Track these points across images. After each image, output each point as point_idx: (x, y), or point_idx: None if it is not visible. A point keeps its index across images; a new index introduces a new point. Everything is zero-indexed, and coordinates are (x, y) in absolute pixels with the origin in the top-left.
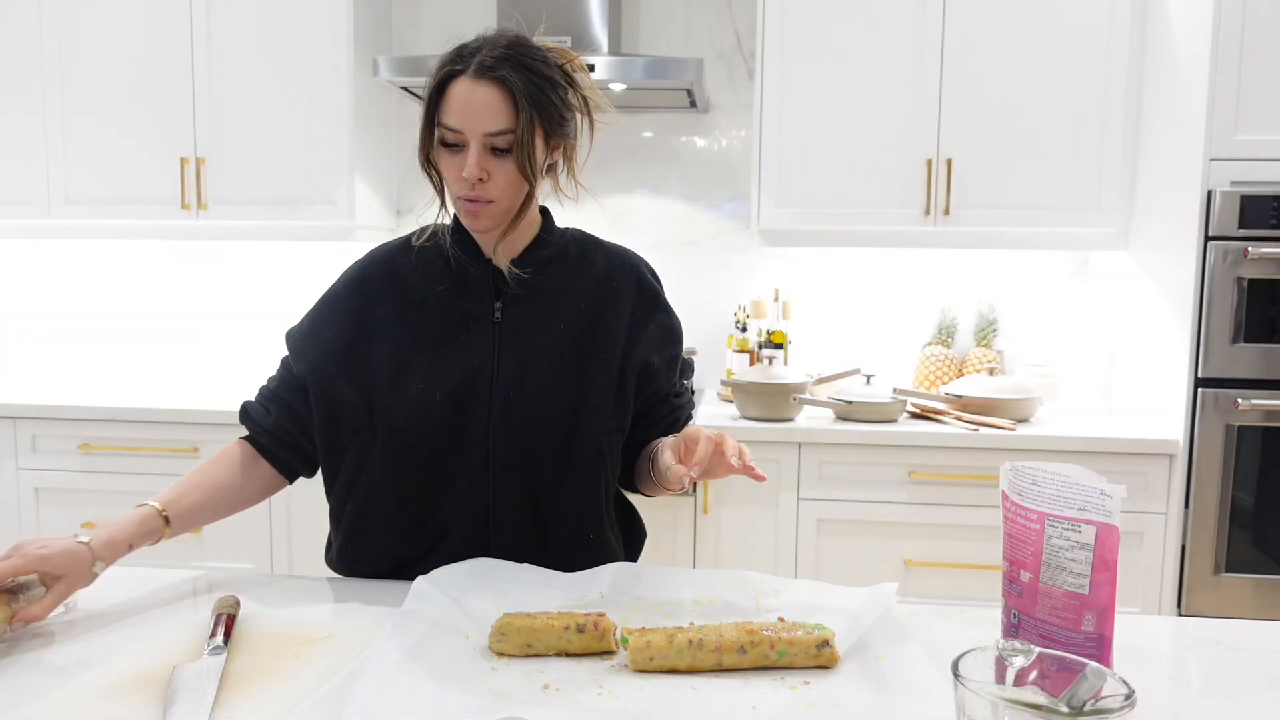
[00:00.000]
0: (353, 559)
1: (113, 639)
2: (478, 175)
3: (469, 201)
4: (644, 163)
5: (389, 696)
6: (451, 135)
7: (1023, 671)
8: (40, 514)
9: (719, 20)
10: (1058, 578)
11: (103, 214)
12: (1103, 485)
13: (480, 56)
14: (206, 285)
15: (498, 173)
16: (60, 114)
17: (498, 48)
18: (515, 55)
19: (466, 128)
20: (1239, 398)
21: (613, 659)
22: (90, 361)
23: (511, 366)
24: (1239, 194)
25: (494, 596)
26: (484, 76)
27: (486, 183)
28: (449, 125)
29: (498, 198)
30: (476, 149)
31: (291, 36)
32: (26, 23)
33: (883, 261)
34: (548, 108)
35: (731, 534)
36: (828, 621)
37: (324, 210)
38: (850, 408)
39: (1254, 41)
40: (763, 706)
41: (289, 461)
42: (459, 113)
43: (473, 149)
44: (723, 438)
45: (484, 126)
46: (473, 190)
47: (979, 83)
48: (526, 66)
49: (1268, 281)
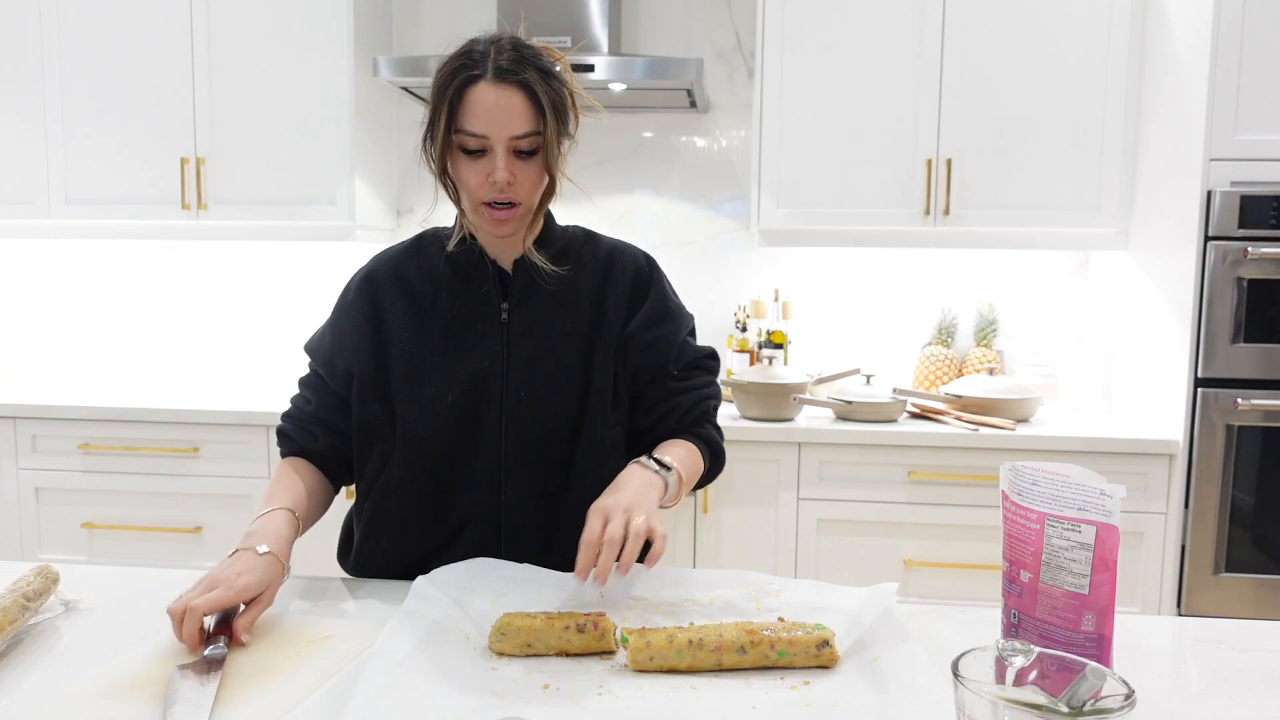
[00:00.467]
0: (368, 559)
1: (113, 639)
2: (508, 179)
3: (496, 207)
4: (644, 163)
5: (389, 696)
6: (474, 141)
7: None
8: (40, 514)
9: (719, 20)
10: (1058, 578)
11: (103, 214)
12: (1103, 485)
13: (495, 60)
14: (206, 285)
15: (522, 175)
16: (60, 114)
17: (507, 50)
18: (528, 56)
19: (493, 132)
20: (1239, 398)
21: (613, 659)
22: (90, 361)
23: (521, 366)
24: (1239, 194)
25: (494, 596)
26: (505, 80)
27: (513, 185)
28: (472, 131)
29: (524, 199)
30: (503, 153)
31: (291, 36)
32: (26, 23)
33: (883, 261)
34: (563, 106)
35: (731, 534)
36: (828, 621)
37: (324, 210)
38: (850, 408)
39: (1254, 41)
40: (763, 706)
41: (340, 476)
42: (484, 118)
43: (499, 153)
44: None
45: (511, 130)
46: (500, 194)
47: (979, 83)
48: (541, 67)
49: (1268, 281)
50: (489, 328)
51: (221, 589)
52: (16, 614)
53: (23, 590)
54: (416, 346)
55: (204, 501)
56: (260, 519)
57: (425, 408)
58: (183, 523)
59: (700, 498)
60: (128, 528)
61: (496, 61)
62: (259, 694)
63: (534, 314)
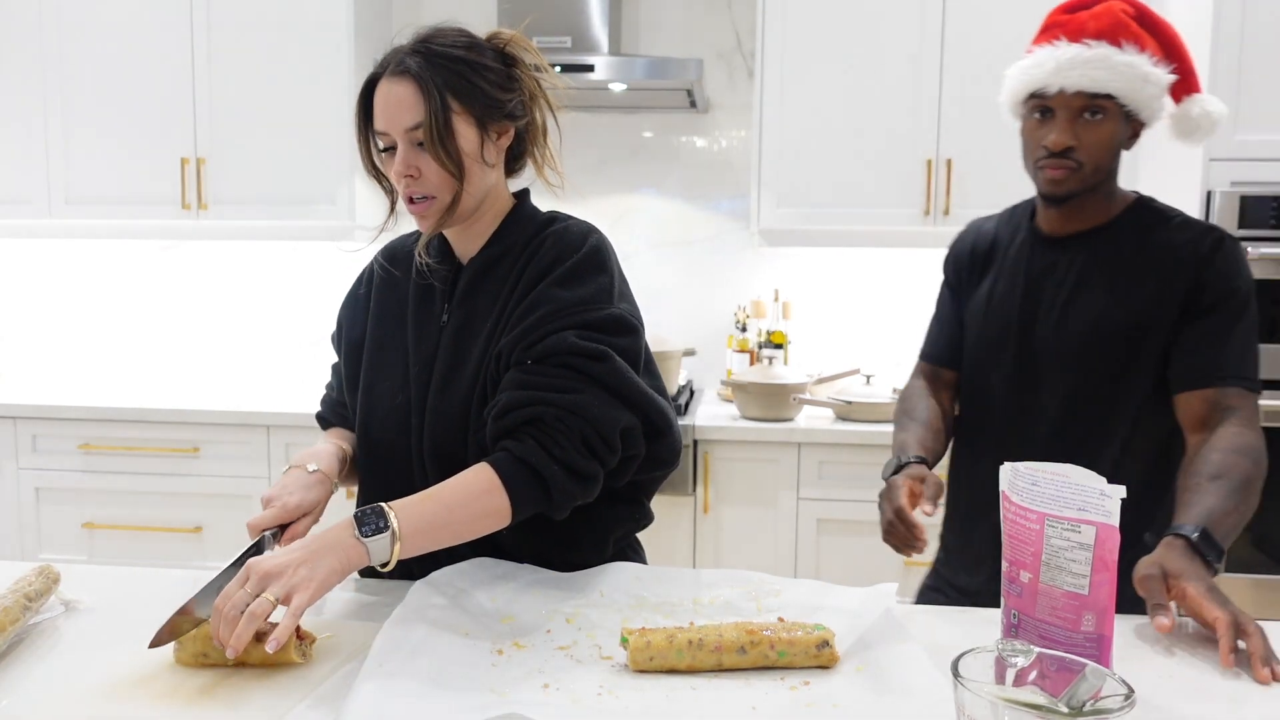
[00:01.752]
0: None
1: (113, 639)
2: (404, 172)
3: (411, 202)
4: (644, 163)
5: (389, 696)
6: (383, 139)
7: (1023, 671)
8: (40, 514)
9: (719, 20)
10: (1057, 578)
11: (103, 214)
12: (1102, 485)
13: (399, 55)
14: (206, 285)
15: (427, 167)
16: (60, 114)
17: (414, 43)
18: (424, 46)
19: (391, 128)
20: None
21: (613, 659)
22: (90, 361)
23: (441, 373)
24: (1239, 194)
25: (494, 596)
26: (395, 73)
27: (418, 179)
28: (378, 129)
29: (434, 192)
30: (404, 147)
31: (292, 36)
32: (27, 23)
33: (883, 261)
34: (468, 90)
35: (731, 534)
36: (828, 621)
37: (324, 210)
38: (850, 408)
39: (1254, 42)
40: (763, 706)
41: None
42: (382, 115)
43: (400, 148)
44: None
45: (402, 123)
46: (409, 189)
47: (979, 83)
48: (435, 54)
49: (1268, 282)
50: (431, 330)
51: (275, 507)
52: (18, 614)
53: (24, 590)
54: (383, 342)
55: (204, 501)
56: (310, 449)
57: (375, 407)
58: (183, 523)
59: (700, 498)
60: (128, 528)
61: (399, 57)
62: (259, 693)
63: (466, 316)
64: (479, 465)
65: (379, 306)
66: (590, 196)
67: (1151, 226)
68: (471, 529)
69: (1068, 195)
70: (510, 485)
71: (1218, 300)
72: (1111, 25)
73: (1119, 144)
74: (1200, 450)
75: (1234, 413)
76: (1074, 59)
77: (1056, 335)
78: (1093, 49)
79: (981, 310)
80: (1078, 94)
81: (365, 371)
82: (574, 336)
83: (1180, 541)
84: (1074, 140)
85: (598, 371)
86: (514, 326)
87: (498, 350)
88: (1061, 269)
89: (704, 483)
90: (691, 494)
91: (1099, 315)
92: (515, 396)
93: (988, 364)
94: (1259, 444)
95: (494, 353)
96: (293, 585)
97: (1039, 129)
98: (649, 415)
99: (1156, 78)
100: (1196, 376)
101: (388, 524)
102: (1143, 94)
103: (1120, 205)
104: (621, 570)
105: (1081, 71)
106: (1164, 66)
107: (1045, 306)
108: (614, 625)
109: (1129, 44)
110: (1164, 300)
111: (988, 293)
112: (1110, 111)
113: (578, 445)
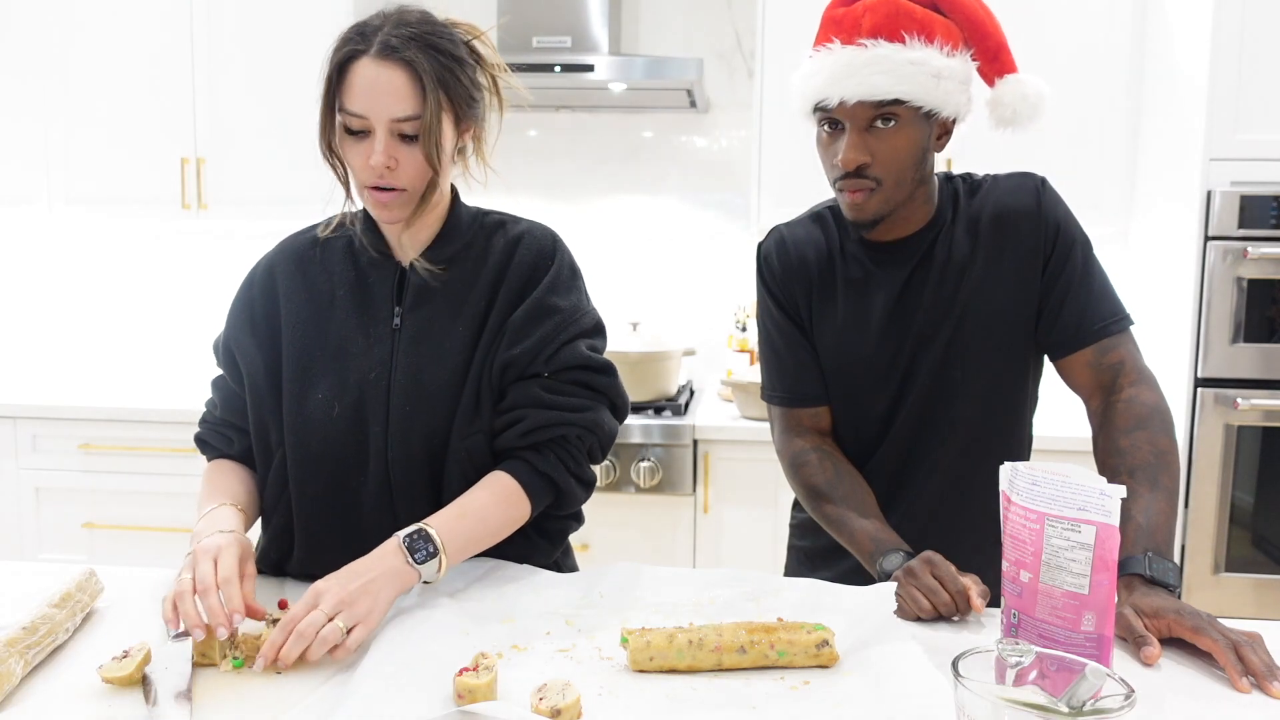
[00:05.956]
0: (276, 565)
1: (113, 639)
2: (385, 164)
3: (377, 191)
4: (644, 163)
5: (388, 695)
6: (356, 122)
7: (1023, 671)
8: (40, 514)
9: (719, 20)
10: (1057, 578)
11: (103, 214)
12: (1102, 485)
13: (384, 35)
14: (206, 285)
15: (406, 160)
16: (60, 113)
17: (403, 26)
18: (422, 34)
19: (372, 113)
20: (1239, 398)
21: (613, 659)
22: (90, 361)
23: (404, 379)
24: (1239, 194)
25: (494, 596)
26: (389, 58)
27: (395, 171)
28: (353, 111)
29: (407, 186)
30: (384, 136)
31: (292, 35)
32: (27, 22)
33: None
34: (457, 90)
35: (731, 534)
36: (828, 621)
37: (324, 210)
38: None
39: (1254, 42)
40: (763, 707)
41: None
42: (363, 97)
43: (379, 136)
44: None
45: (390, 112)
46: (381, 179)
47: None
48: (434, 46)
49: (1268, 281)
50: (380, 334)
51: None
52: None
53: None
54: (309, 350)
55: None
56: (203, 519)
57: (310, 418)
58: (183, 523)
59: (700, 498)
60: (128, 528)
61: (385, 37)
62: (258, 694)
63: (424, 320)
64: (499, 475)
65: (293, 314)
66: (590, 196)
67: (972, 201)
68: (497, 537)
69: (874, 219)
70: (532, 494)
71: (1065, 248)
72: (889, 17)
73: (923, 149)
74: (1105, 430)
75: (1121, 367)
76: (849, 64)
77: (957, 340)
78: (870, 50)
79: (853, 337)
80: (860, 104)
81: (289, 383)
82: (584, 347)
83: (1137, 579)
84: (866, 156)
85: (606, 385)
86: (518, 337)
87: (503, 361)
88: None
89: (704, 483)
90: (691, 494)
91: (990, 308)
92: (542, 417)
93: (873, 390)
94: (1158, 399)
95: (494, 362)
96: (358, 617)
97: (830, 145)
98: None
99: (951, 70)
100: (1076, 335)
101: (437, 548)
102: (938, 92)
103: (938, 194)
104: (621, 570)
105: (859, 79)
106: (963, 52)
107: (925, 318)
108: (614, 626)
109: (913, 37)
110: (1027, 266)
111: (847, 316)
112: (904, 117)
113: (586, 457)
